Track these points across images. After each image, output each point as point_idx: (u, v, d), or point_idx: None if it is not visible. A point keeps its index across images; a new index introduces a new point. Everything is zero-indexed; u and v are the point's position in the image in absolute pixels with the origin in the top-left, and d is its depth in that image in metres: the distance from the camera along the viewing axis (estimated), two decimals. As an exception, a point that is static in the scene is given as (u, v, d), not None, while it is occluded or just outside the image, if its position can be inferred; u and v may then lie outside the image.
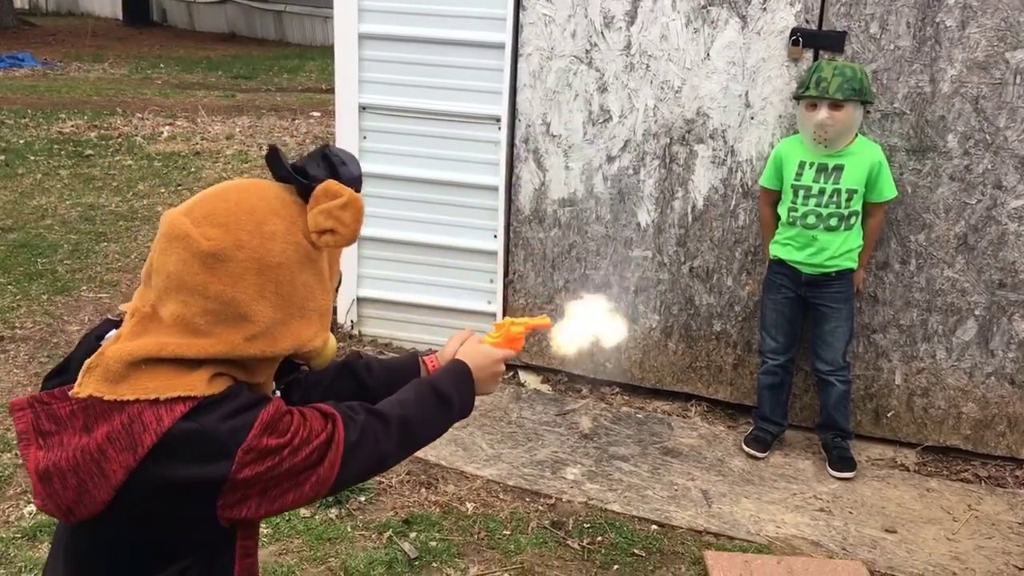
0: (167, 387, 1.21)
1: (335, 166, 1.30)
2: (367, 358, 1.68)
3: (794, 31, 3.55)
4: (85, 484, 1.20)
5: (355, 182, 1.31)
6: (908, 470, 3.63)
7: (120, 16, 18.45)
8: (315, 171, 1.29)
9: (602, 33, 3.77)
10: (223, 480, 1.21)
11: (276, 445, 1.24)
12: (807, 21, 3.54)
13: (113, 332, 1.29)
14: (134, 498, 1.21)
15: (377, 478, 3.32)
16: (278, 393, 1.41)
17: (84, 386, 1.22)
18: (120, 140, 8.20)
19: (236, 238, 1.23)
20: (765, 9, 3.57)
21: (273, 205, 1.27)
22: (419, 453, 3.44)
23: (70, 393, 1.22)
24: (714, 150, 3.75)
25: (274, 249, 1.25)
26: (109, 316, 1.38)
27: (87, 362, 1.23)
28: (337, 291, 1.40)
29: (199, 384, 1.23)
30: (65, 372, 1.29)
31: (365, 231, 4.24)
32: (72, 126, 8.61)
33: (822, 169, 3.40)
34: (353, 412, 1.37)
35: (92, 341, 1.32)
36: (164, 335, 1.23)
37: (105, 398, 1.20)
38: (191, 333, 1.23)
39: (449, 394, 1.52)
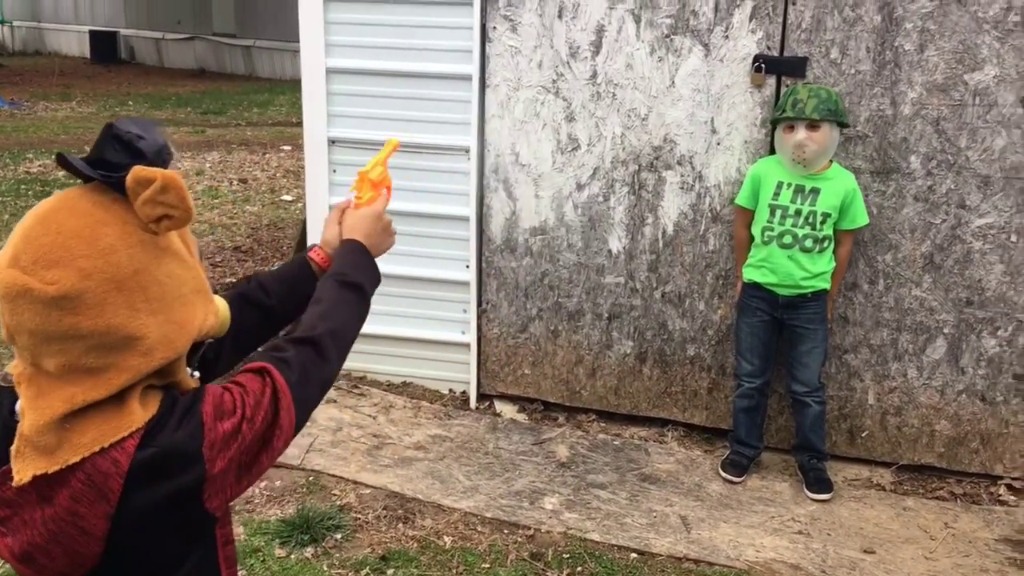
0: (106, 435, 1.17)
1: (132, 144, 1.19)
2: (257, 278, 1.64)
3: (756, 58, 3.60)
4: (71, 548, 1.18)
5: (161, 152, 1.21)
6: (884, 489, 3.64)
7: (88, 54, 18.40)
8: (115, 157, 1.18)
9: (568, 63, 3.81)
10: (201, 481, 1.21)
11: (232, 426, 1.23)
12: (769, 48, 3.59)
13: (18, 405, 1.22)
14: (123, 537, 1.20)
15: (352, 514, 3.28)
16: (196, 374, 1.37)
17: (23, 471, 1.16)
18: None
19: (78, 269, 1.14)
20: (727, 37, 3.62)
21: (96, 216, 1.17)
22: (396, 487, 3.43)
23: (13, 484, 1.17)
24: (682, 176, 3.78)
25: (120, 261, 1.16)
26: (0, 383, 1.30)
27: (12, 449, 1.18)
28: (201, 259, 1.33)
29: (135, 415, 1.19)
30: None
31: (337, 265, 4.23)
32: (40, 166, 8.54)
33: (800, 190, 3.43)
34: (282, 352, 1.37)
35: (5, 416, 1.25)
36: (64, 388, 1.17)
37: (50, 472, 1.16)
38: (88, 373, 1.17)
39: (358, 281, 1.54)
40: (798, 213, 3.43)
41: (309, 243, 4.26)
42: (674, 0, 3.64)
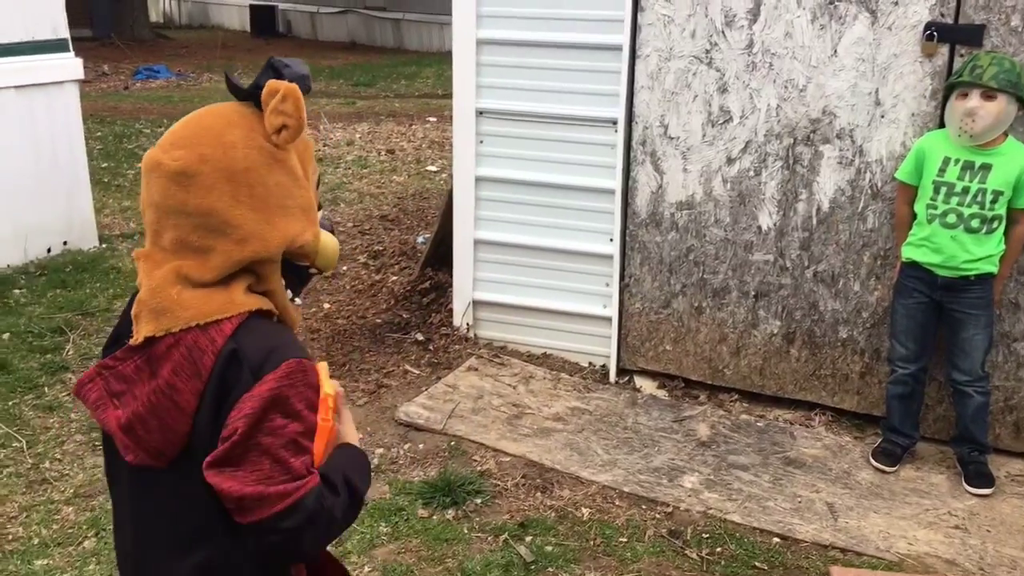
0: (207, 312, 1.31)
1: (279, 70, 1.38)
2: None
3: (928, 25, 3.38)
4: (165, 422, 1.30)
5: (301, 79, 1.38)
6: (1053, 488, 3.41)
7: (248, 28, 19.21)
8: (264, 80, 1.37)
9: (723, 32, 3.69)
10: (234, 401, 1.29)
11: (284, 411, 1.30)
12: (942, 15, 3.37)
13: (138, 280, 1.37)
14: (201, 423, 1.30)
15: (492, 481, 3.33)
16: (298, 301, 1.49)
17: (138, 332, 1.32)
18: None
19: (199, 154, 1.32)
20: (897, 3, 3.42)
21: (231, 118, 1.36)
22: (534, 457, 3.46)
23: (130, 343, 1.32)
24: (841, 150, 3.61)
25: (237, 156, 1.33)
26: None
27: (132, 314, 1.34)
28: (317, 187, 1.48)
29: (236, 301, 1.33)
30: (116, 343, 1.39)
31: (481, 235, 4.29)
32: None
33: (968, 167, 3.22)
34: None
35: (132, 303, 1.39)
36: (174, 260, 1.33)
37: (157, 335, 1.30)
38: (193, 252, 1.32)
39: (360, 489, 1.43)
40: (966, 191, 3.22)
41: (456, 212, 4.34)
42: (839, -36, 3.46)
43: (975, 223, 3.22)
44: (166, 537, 1.38)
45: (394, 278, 5.18)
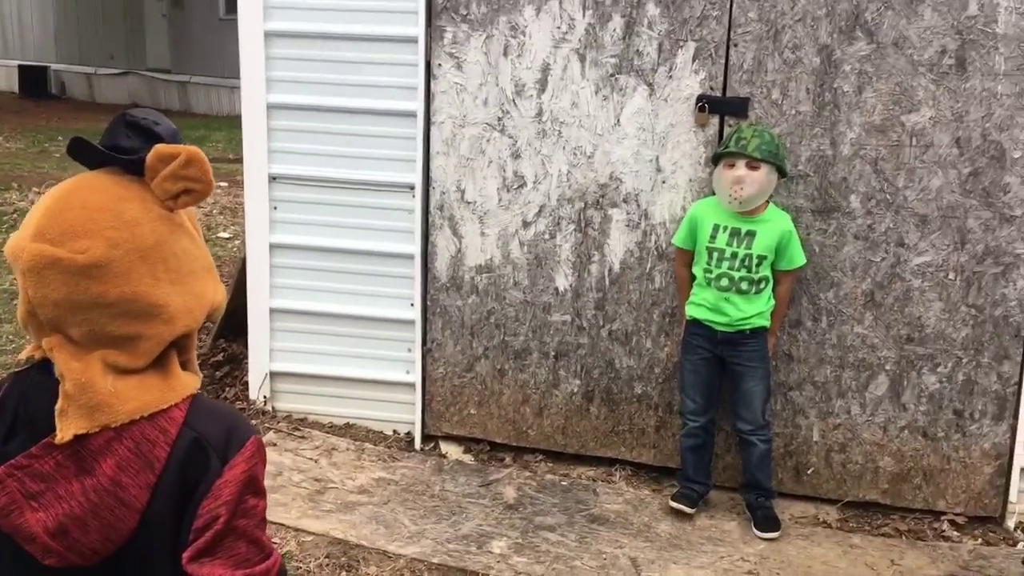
0: (152, 402, 1.23)
1: (150, 129, 1.28)
2: None
3: (700, 98, 3.64)
4: (107, 520, 1.22)
5: (175, 135, 1.30)
6: (831, 527, 3.65)
7: (16, 89, 17.93)
8: (130, 143, 1.27)
9: (514, 101, 3.80)
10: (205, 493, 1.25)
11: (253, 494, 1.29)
12: (711, 88, 3.64)
13: (56, 370, 1.24)
14: (154, 516, 1.23)
15: (294, 563, 3.16)
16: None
17: (66, 429, 1.20)
18: (16, 215, 7.87)
19: (106, 239, 1.21)
20: (671, 77, 3.66)
21: (117, 192, 1.25)
22: (339, 534, 3.32)
23: (55, 441, 1.20)
24: (628, 214, 3.78)
25: (143, 232, 1.24)
26: (15, 370, 1.33)
27: (56, 409, 1.21)
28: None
29: (178, 386, 1.26)
30: (12, 438, 1.25)
31: (277, 303, 4.14)
32: (-37, 201, 8.24)
33: (735, 233, 3.46)
34: None
35: (29, 390, 1.27)
36: (92, 350, 1.23)
37: (91, 432, 1.20)
38: (115, 341, 1.23)
39: None
40: (734, 256, 3.45)
41: (249, 280, 4.16)
42: (618, 40, 3.67)
43: (744, 285, 3.46)
44: None
45: (183, 351, 4.89)
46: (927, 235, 3.55)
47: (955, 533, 3.60)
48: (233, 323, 4.65)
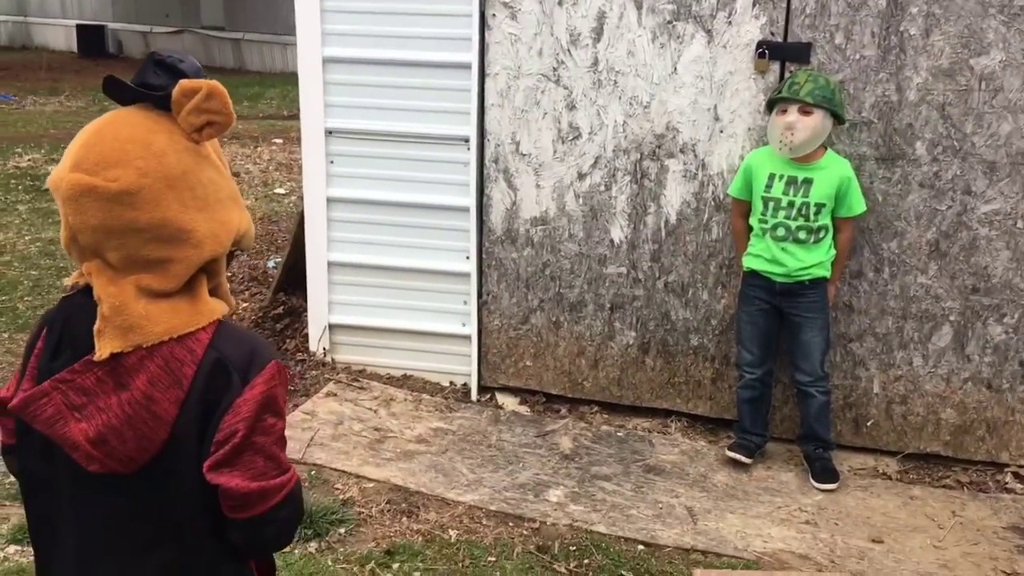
0: (181, 324, 1.31)
1: (175, 67, 1.35)
2: None
3: (760, 43, 3.56)
4: (141, 431, 1.30)
5: (199, 72, 1.37)
6: (890, 479, 3.62)
7: (75, 48, 18.22)
8: (158, 80, 1.34)
9: (568, 51, 3.76)
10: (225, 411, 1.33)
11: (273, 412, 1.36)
12: (772, 33, 3.55)
13: (95, 293, 1.32)
14: (183, 429, 1.32)
15: (356, 508, 3.24)
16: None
17: (103, 348, 1.29)
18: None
19: (136, 168, 1.29)
20: (730, 23, 3.58)
21: (147, 125, 1.33)
22: (399, 481, 3.39)
23: (94, 359, 1.29)
24: (685, 164, 3.74)
25: (171, 162, 1.31)
26: (64, 294, 1.41)
27: (95, 329, 1.30)
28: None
29: (206, 310, 1.34)
30: (59, 355, 1.35)
31: (335, 257, 4.19)
32: (29, 160, 8.45)
33: (791, 182, 3.40)
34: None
35: (73, 313, 1.35)
36: (127, 275, 1.31)
37: (125, 350, 1.29)
38: (149, 265, 1.31)
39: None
40: (791, 205, 3.40)
41: (307, 234, 4.22)
42: (676, -14, 3.59)
43: (802, 235, 3.40)
44: (128, 541, 1.39)
45: (245, 305, 4.99)
46: (995, 182, 3.45)
47: (1018, 485, 3.55)
48: (292, 277, 4.73)
